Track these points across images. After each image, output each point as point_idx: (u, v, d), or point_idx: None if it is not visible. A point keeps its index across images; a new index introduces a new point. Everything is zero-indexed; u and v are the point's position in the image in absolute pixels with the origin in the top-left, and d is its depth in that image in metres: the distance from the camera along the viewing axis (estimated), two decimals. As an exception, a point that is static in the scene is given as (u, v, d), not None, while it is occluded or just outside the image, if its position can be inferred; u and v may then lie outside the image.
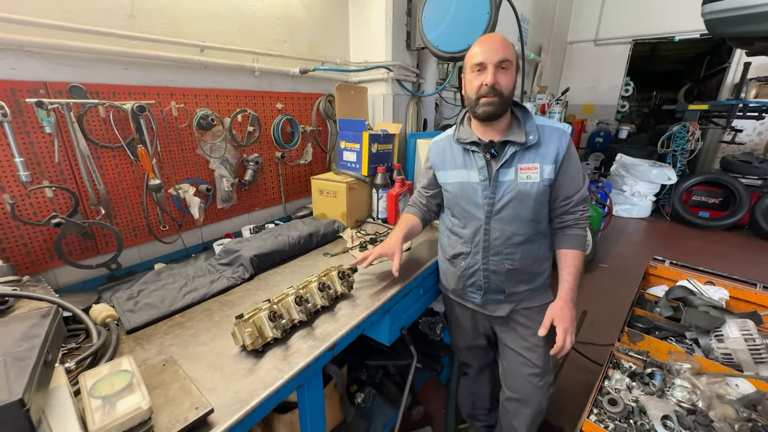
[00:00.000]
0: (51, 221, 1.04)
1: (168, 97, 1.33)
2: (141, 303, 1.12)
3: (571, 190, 1.17)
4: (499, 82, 1.06)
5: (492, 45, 1.06)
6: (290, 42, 1.80)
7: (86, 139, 1.14)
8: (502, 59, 1.05)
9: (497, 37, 1.08)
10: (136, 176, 1.30)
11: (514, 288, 1.24)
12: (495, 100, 1.08)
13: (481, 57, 1.07)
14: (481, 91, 1.08)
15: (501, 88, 1.07)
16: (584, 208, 1.19)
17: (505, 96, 1.08)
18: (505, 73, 1.06)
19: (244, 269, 1.31)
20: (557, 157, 1.12)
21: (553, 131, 1.14)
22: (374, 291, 1.23)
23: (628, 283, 3.39)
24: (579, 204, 1.18)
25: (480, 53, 1.07)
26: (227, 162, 1.55)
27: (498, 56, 1.05)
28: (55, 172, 1.12)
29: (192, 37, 1.39)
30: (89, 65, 1.15)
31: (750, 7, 2.41)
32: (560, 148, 1.12)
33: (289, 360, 0.90)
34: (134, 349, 0.95)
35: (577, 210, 1.18)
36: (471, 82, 1.11)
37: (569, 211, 1.19)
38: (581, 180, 1.18)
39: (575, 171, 1.16)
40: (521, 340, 1.31)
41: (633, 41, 6.31)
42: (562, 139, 1.13)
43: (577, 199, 1.18)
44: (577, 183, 1.17)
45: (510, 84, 1.07)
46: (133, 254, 1.37)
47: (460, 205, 1.26)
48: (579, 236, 1.20)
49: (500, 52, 1.05)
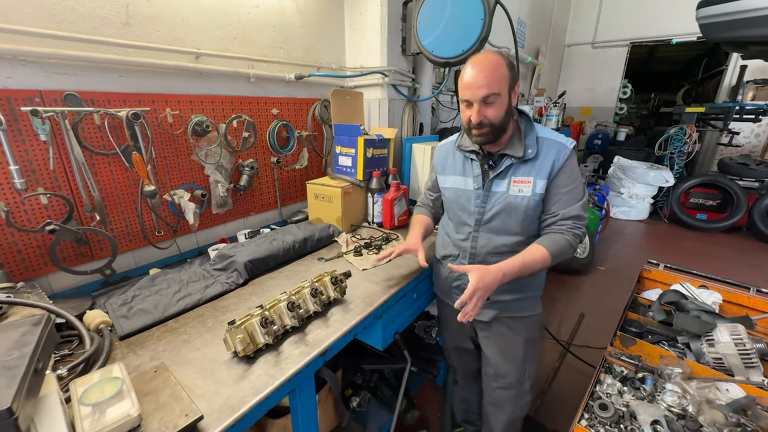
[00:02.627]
0: (45, 228, 1.05)
1: (163, 104, 1.35)
2: (135, 309, 1.12)
3: (559, 206, 1.11)
4: (487, 116, 1.05)
5: (476, 79, 1.02)
6: (286, 48, 1.81)
7: (81, 146, 1.16)
8: (486, 95, 1.02)
9: (483, 67, 1.02)
10: (131, 182, 1.31)
11: (498, 296, 1.24)
12: (485, 131, 1.08)
13: (467, 94, 1.05)
14: (471, 124, 1.09)
15: (489, 121, 1.06)
16: (575, 224, 1.11)
17: (496, 125, 1.07)
18: (491, 106, 1.04)
19: (238, 274, 1.32)
20: (551, 171, 1.10)
21: (553, 145, 1.11)
22: (367, 296, 1.24)
23: (625, 286, 3.37)
24: (567, 219, 1.11)
25: (465, 89, 1.05)
26: (222, 167, 1.56)
27: (481, 93, 1.02)
28: (50, 179, 1.13)
29: (187, 45, 1.41)
30: (84, 73, 1.16)
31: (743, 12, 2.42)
32: (556, 162, 1.09)
33: (280, 366, 0.91)
34: (127, 355, 0.96)
35: (564, 223, 1.11)
36: (463, 113, 1.11)
37: (556, 223, 1.13)
38: (575, 198, 1.11)
39: (568, 188, 1.10)
40: (497, 348, 1.33)
41: (630, 44, 6.33)
42: (560, 154, 1.10)
43: (565, 215, 1.11)
44: (568, 200, 1.11)
45: (499, 114, 1.06)
46: (128, 259, 1.38)
47: (454, 210, 1.28)
48: (557, 241, 1.10)
49: (484, 87, 1.01)
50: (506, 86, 1.05)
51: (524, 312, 1.28)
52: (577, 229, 1.12)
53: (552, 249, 1.09)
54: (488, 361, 1.36)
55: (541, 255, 1.09)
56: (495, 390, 1.36)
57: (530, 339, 1.31)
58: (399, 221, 1.88)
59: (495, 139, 1.11)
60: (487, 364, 1.37)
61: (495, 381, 1.35)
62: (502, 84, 1.04)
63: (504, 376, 1.33)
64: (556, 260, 1.10)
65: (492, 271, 1.05)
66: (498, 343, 1.32)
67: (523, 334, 1.29)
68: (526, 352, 1.31)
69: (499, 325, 1.30)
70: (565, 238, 1.11)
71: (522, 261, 1.09)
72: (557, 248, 1.10)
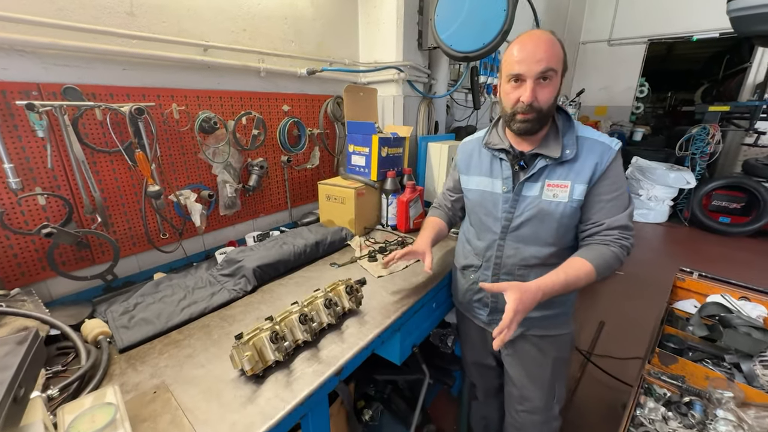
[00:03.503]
0: (41, 231, 0.97)
1: (169, 99, 1.27)
2: (136, 318, 1.05)
3: (603, 214, 0.99)
4: (539, 99, 0.92)
5: (534, 52, 0.89)
6: (297, 41, 1.73)
7: (82, 144, 1.08)
8: (545, 69, 0.89)
9: (542, 38, 0.90)
10: (134, 182, 1.24)
11: None
12: (532, 117, 0.95)
13: (520, 68, 0.91)
14: (517, 107, 0.95)
15: (540, 105, 0.93)
16: (622, 234, 0.98)
17: (544, 111, 0.94)
18: (546, 86, 0.92)
19: (246, 281, 1.24)
20: (593, 175, 0.97)
21: (595, 145, 0.98)
22: (384, 306, 1.14)
23: (646, 292, 3.25)
24: (613, 229, 0.98)
25: (518, 62, 0.91)
26: (231, 167, 1.49)
27: (540, 67, 0.89)
28: (49, 178, 1.06)
29: (195, 36, 1.33)
30: (85, 65, 1.09)
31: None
32: (599, 165, 0.96)
33: (291, 387, 0.82)
34: (126, 371, 0.88)
35: (610, 234, 0.98)
36: (507, 94, 0.97)
37: (600, 233, 1.00)
38: (621, 206, 0.99)
39: (613, 194, 0.98)
40: (523, 370, 1.22)
41: (649, 41, 6.13)
42: (604, 156, 0.97)
43: (611, 224, 0.98)
44: (613, 208, 0.98)
45: (551, 98, 0.94)
46: (131, 264, 1.31)
47: (478, 214, 1.17)
48: (603, 254, 0.97)
49: (543, 61, 0.88)
50: (561, 68, 0.93)
51: (553, 330, 1.17)
52: (625, 240, 0.99)
53: (597, 263, 0.96)
54: (512, 381, 1.25)
55: (586, 270, 0.95)
56: (519, 413, 1.25)
57: (560, 360, 1.20)
58: (415, 224, 1.79)
59: (539, 128, 0.98)
60: (511, 384, 1.26)
61: (519, 404, 1.24)
62: (559, 63, 0.92)
63: (530, 400, 1.21)
64: (601, 276, 0.97)
65: (531, 290, 0.90)
66: (523, 362, 1.21)
67: (551, 354, 1.18)
68: (555, 373, 1.19)
69: (524, 344, 1.19)
70: (612, 250, 0.97)
71: (565, 278, 0.94)
72: (603, 262, 0.96)
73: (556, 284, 0.94)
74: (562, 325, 1.18)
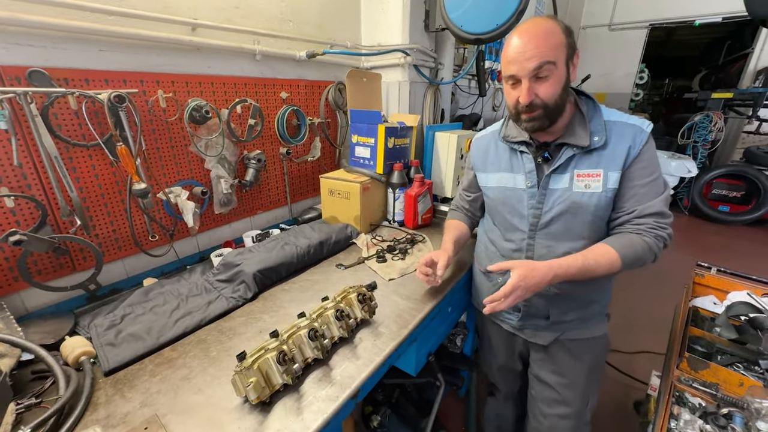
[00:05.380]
0: (9, 239, 0.84)
1: (154, 85, 1.13)
2: (124, 333, 0.93)
3: (635, 201, 0.92)
4: (540, 95, 0.86)
5: (524, 49, 0.83)
6: (295, 21, 1.57)
7: (54, 136, 0.95)
8: (539, 65, 0.83)
9: (532, 30, 0.84)
10: (117, 179, 1.10)
11: (560, 316, 1.06)
12: (538, 114, 0.88)
13: (513, 68, 0.86)
14: (519, 107, 0.89)
15: (542, 102, 0.86)
16: (657, 223, 0.90)
17: (550, 106, 0.87)
18: (545, 82, 0.85)
19: (246, 287, 1.13)
20: (626, 160, 0.90)
21: (626, 128, 0.91)
22: (398, 314, 1.05)
23: (648, 282, 3.22)
24: (646, 216, 0.91)
25: (510, 63, 0.86)
26: (225, 160, 1.35)
27: (532, 64, 0.83)
28: (17, 177, 0.92)
29: (181, 13, 1.18)
30: (54, 45, 0.94)
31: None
32: (632, 149, 0.90)
33: (302, 415, 0.72)
34: (112, 398, 0.77)
35: (644, 222, 0.91)
36: (508, 94, 0.92)
37: (631, 221, 0.93)
38: (656, 191, 0.91)
39: (647, 179, 0.91)
40: (557, 376, 1.14)
41: (650, 25, 5.98)
42: (637, 138, 0.90)
43: (643, 211, 0.91)
44: (647, 194, 0.91)
45: (555, 91, 0.86)
46: (117, 269, 1.18)
47: (501, 213, 1.08)
48: (633, 243, 0.90)
49: (535, 57, 0.82)
50: (563, 55, 0.85)
51: (588, 333, 1.09)
52: (661, 230, 0.91)
53: (624, 252, 0.89)
54: (544, 385, 1.17)
55: (608, 257, 0.89)
56: (549, 417, 1.17)
57: (595, 364, 1.13)
58: (423, 220, 1.68)
59: (550, 123, 0.91)
60: (542, 388, 1.18)
61: (551, 407, 1.16)
62: (558, 52, 0.84)
63: (564, 404, 1.14)
64: (627, 267, 0.90)
65: (540, 269, 0.87)
66: (557, 368, 1.13)
67: (587, 359, 1.10)
68: (590, 379, 1.12)
69: (558, 349, 1.11)
70: (644, 240, 0.90)
71: (582, 261, 0.89)
72: (632, 252, 0.89)
73: (572, 267, 0.89)
74: (597, 327, 1.11)
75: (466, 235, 1.24)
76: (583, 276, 0.90)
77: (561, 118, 0.93)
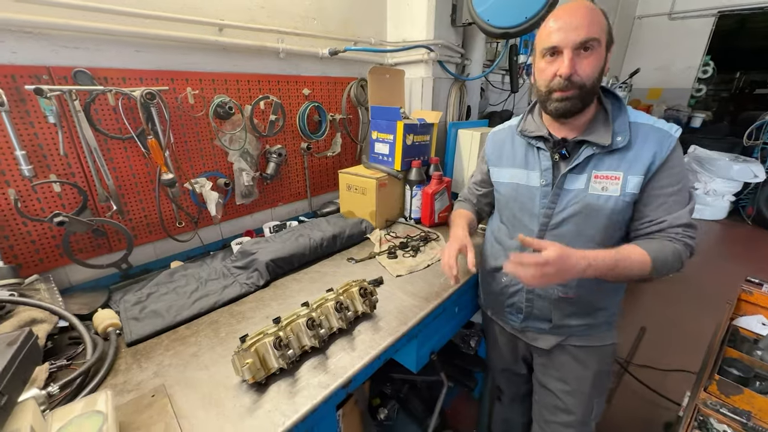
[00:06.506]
0: (54, 220, 0.96)
1: (183, 83, 1.22)
2: (147, 310, 1.03)
3: (663, 210, 0.87)
4: (579, 72, 0.81)
5: (571, 20, 0.80)
6: (320, 19, 1.61)
7: (94, 130, 1.05)
8: (586, 39, 0.79)
9: (580, 5, 0.81)
10: (149, 170, 1.21)
11: (563, 320, 1.02)
12: (572, 94, 0.83)
13: (556, 38, 0.81)
14: (553, 83, 0.84)
15: (581, 80, 0.82)
16: (686, 233, 0.86)
17: (587, 87, 0.83)
18: (588, 58, 0.81)
19: (259, 275, 1.19)
20: (650, 166, 0.85)
21: (652, 132, 0.86)
22: (401, 311, 1.05)
23: (696, 297, 2.94)
24: (676, 227, 0.86)
25: (554, 32, 0.82)
26: (248, 154, 1.43)
27: (580, 36, 0.79)
28: (63, 165, 1.04)
29: (210, 15, 1.25)
30: (96, 47, 1.04)
31: None
32: (657, 155, 0.84)
33: (294, 399, 0.76)
34: (131, 366, 0.85)
35: (674, 232, 0.87)
36: (542, 71, 0.87)
37: (663, 231, 0.88)
38: (682, 201, 0.87)
39: (674, 187, 0.86)
40: (560, 382, 1.10)
41: (719, 13, 5.39)
42: (663, 144, 0.84)
43: (673, 222, 0.86)
44: (675, 203, 0.86)
45: (595, 71, 0.82)
46: (148, 251, 1.30)
47: (511, 210, 1.05)
48: (665, 247, 0.85)
49: (583, 29, 0.79)
50: (605, 37, 0.82)
51: (596, 340, 1.04)
52: (690, 239, 0.86)
53: (656, 255, 0.83)
54: (547, 391, 1.14)
55: (641, 259, 0.83)
56: (551, 424, 1.14)
57: (601, 373, 1.07)
58: (440, 218, 1.67)
59: (580, 108, 0.86)
60: (544, 394, 1.15)
61: (554, 414, 1.13)
62: (602, 33, 0.81)
63: (567, 412, 1.10)
64: (656, 273, 0.85)
65: (575, 254, 0.80)
66: (560, 374, 1.09)
67: (592, 367, 1.06)
68: (595, 388, 1.07)
69: (562, 354, 1.07)
70: (675, 246, 0.85)
71: (615, 257, 0.83)
72: (663, 257, 0.84)
73: (606, 259, 0.82)
74: (605, 335, 1.05)
75: (474, 225, 1.22)
76: (614, 275, 0.84)
77: (585, 111, 0.89)
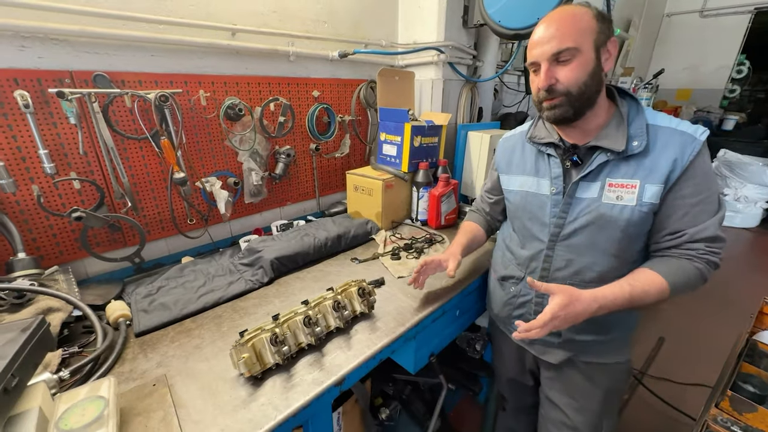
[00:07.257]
0: (72, 215, 1.02)
1: (196, 86, 1.26)
2: (156, 302, 1.08)
3: (685, 222, 0.81)
4: (561, 80, 0.80)
5: (544, 34, 0.81)
6: (331, 22, 1.64)
7: (112, 130, 1.11)
8: (558, 51, 0.78)
9: (555, 16, 0.81)
10: (162, 168, 1.26)
11: (574, 335, 0.98)
12: (559, 101, 0.82)
13: (534, 53, 0.83)
14: (540, 95, 0.85)
15: (564, 87, 0.80)
16: (709, 248, 0.81)
17: (573, 94, 0.81)
18: (565, 67, 0.79)
19: (263, 272, 1.22)
20: (671, 174, 0.80)
21: (674, 135, 0.81)
22: (399, 312, 1.06)
23: (721, 309, 2.80)
24: (698, 241, 0.81)
25: (533, 47, 0.84)
26: (257, 154, 1.47)
27: (552, 48, 0.79)
28: (82, 163, 1.10)
29: (222, 20, 1.30)
30: (114, 52, 1.10)
31: None
32: (679, 161, 0.79)
33: (288, 394, 0.78)
34: (137, 356, 0.90)
35: (694, 247, 0.81)
36: (532, 83, 0.88)
37: (681, 246, 0.83)
38: (709, 211, 0.81)
39: (698, 197, 0.80)
40: (568, 398, 1.07)
41: (755, 9, 5.11)
42: (686, 149, 0.79)
43: (695, 235, 0.80)
44: (699, 214, 0.80)
45: (579, 77, 0.79)
46: (160, 247, 1.35)
47: (521, 219, 1.03)
48: (684, 269, 0.81)
49: (554, 40, 0.78)
50: (590, 40, 0.78)
51: (607, 357, 1.00)
52: (713, 255, 0.81)
53: (674, 280, 0.80)
54: (554, 406, 1.11)
55: (658, 287, 0.80)
56: None
57: (612, 390, 1.04)
58: (447, 220, 1.66)
59: (575, 115, 0.83)
60: (551, 408, 1.12)
61: (560, 431, 1.10)
62: (583, 37, 0.78)
63: (573, 429, 1.07)
64: (676, 295, 0.82)
65: (584, 299, 0.78)
66: (568, 389, 1.06)
67: (603, 385, 1.02)
68: (605, 405, 1.04)
69: (571, 370, 1.04)
70: (696, 266, 0.81)
71: (630, 292, 0.80)
72: (683, 281, 0.80)
73: (618, 298, 0.80)
74: (618, 352, 1.01)
75: (480, 241, 1.21)
76: (630, 306, 0.81)
77: (593, 115, 0.86)
